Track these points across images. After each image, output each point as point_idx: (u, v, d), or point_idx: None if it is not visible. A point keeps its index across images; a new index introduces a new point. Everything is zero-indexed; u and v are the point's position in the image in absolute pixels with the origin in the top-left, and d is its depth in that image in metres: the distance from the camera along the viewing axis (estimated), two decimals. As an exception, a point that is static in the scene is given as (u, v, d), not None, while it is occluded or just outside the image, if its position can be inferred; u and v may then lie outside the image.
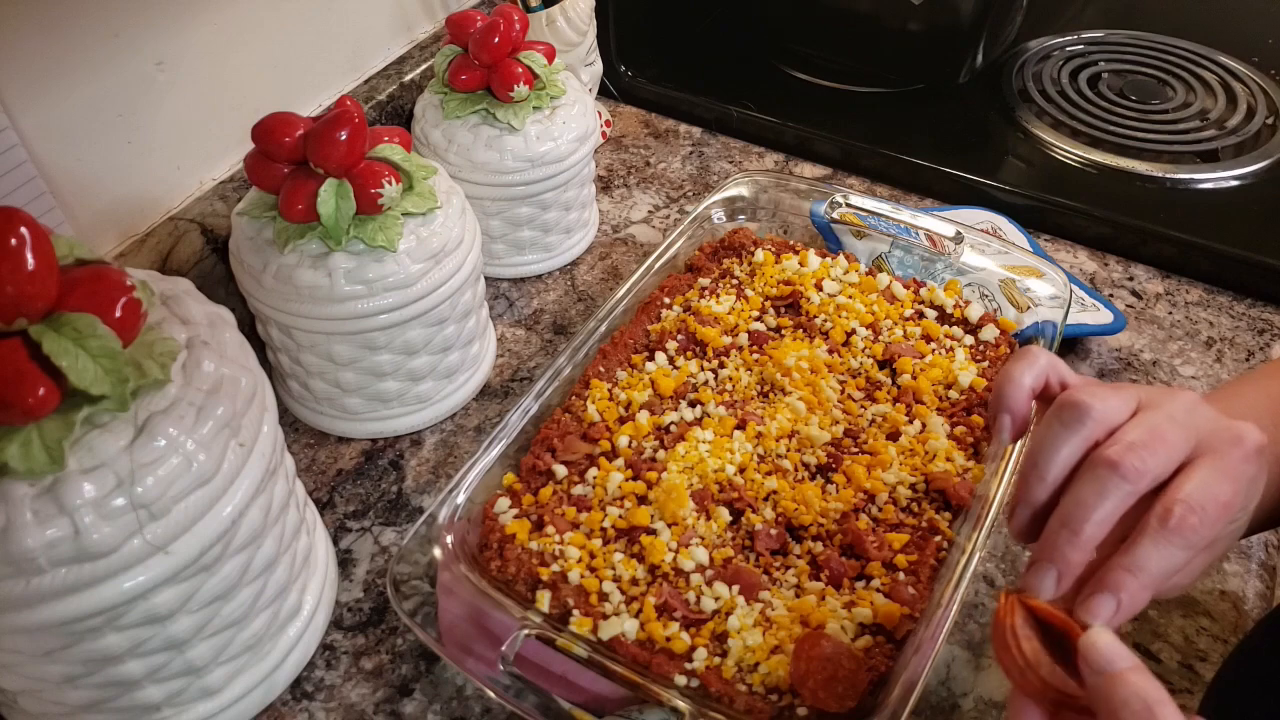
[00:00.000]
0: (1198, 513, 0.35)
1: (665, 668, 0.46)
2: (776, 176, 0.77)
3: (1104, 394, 0.39)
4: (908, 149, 0.87)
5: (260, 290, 0.58)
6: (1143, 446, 0.37)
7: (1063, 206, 0.81)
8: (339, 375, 0.62)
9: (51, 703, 0.44)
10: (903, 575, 0.51)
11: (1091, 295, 0.73)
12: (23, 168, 0.55)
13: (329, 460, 0.65)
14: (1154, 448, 0.37)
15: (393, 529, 0.60)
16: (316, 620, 0.53)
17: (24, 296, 0.35)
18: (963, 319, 0.66)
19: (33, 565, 0.37)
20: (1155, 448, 0.37)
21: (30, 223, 0.36)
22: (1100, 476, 0.37)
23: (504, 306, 0.76)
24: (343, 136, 0.53)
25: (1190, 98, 0.96)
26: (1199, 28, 1.05)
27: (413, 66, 0.83)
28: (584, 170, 0.76)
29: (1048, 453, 0.39)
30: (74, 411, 0.37)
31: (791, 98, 0.98)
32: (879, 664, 0.46)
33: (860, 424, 0.59)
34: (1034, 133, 0.91)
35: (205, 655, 0.45)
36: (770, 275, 0.69)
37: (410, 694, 0.52)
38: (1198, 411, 0.39)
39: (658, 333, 0.65)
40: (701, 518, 0.54)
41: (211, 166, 0.69)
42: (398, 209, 0.57)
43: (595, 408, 0.59)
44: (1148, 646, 0.53)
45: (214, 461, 0.41)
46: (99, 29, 0.58)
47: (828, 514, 0.54)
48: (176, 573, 0.41)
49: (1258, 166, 0.86)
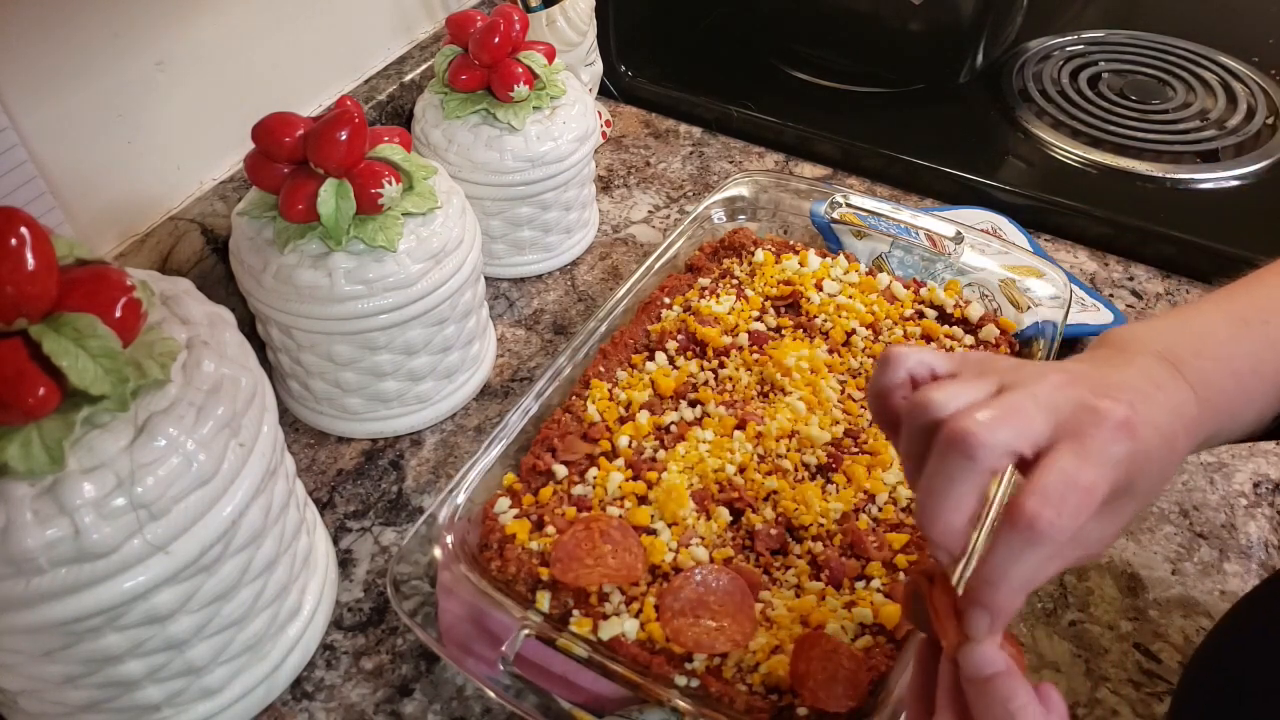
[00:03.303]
0: (1054, 506, 0.32)
1: (665, 668, 0.46)
2: (776, 176, 0.77)
3: (953, 385, 0.36)
4: (908, 149, 0.87)
5: (260, 290, 0.58)
6: (993, 421, 0.33)
7: (1063, 206, 0.81)
8: (339, 375, 0.62)
9: (51, 703, 0.44)
10: (903, 575, 0.51)
11: (1092, 295, 0.73)
12: (23, 168, 0.55)
13: (329, 460, 0.65)
14: (1006, 421, 0.34)
15: (393, 529, 0.60)
16: (316, 620, 0.53)
17: (24, 296, 0.35)
18: (963, 319, 0.66)
19: (33, 565, 0.37)
20: (1007, 421, 0.34)
21: (30, 223, 0.36)
22: (948, 456, 0.34)
23: (504, 306, 0.76)
24: (343, 136, 0.53)
25: (1190, 98, 0.96)
26: (1199, 28, 1.05)
27: (413, 66, 0.83)
28: (584, 170, 0.76)
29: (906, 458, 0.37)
30: (74, 411, 0.37)
31: (791, 98, 0.98)
32: (879, 664, 0.46)
33: (860, 424, 0.59)
34: (1034, 133, 0.91)
35: (205, 655, 0.45)
36: (770, 275, 0.69)
37: (410, 694, 0.52)
38: (1063, 391, 0.35)
39: (658, 333, 0.65)
40: (701, 518, 0.54)
41: (211, 166, 0.69)
42: (398, 209, 0.57)
43: (595, 408, 0.59)
44: (1148, 646, 0.53)
45: (214, 461, 0.41)
46: (99, 29, 0.58)
47: (828, 514, 0.54)
48: (176, 573, 0.41)
49: (1258, 166, 0.86)
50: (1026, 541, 0.33)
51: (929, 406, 0.35)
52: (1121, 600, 0.56)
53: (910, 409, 0.36)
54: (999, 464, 0.34)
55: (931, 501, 0.35)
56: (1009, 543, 0.33)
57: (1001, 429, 0.33)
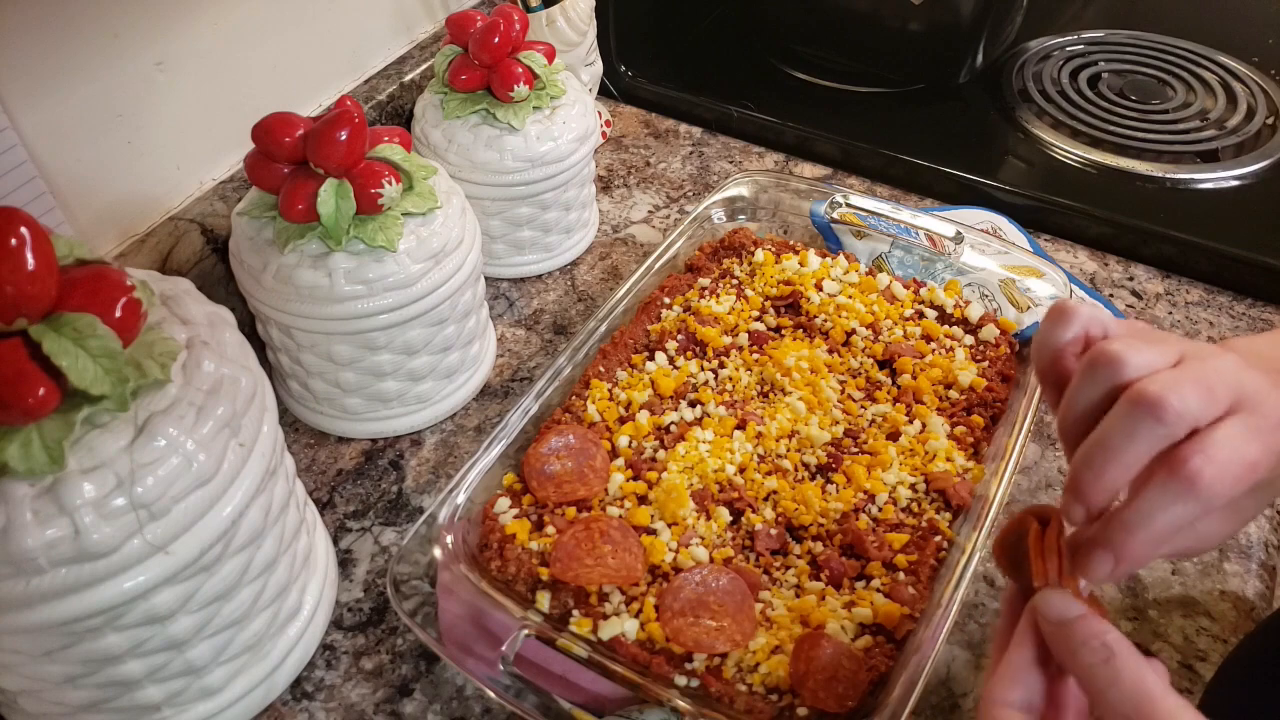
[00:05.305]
0: (1216, 465, 0.32)
1: (665, 668, 0.46)
2: (776, 176, 0.77)
3: (1141, 345, 0.35)
4: (908, 149, 0.87)
5: (260, 290, 0.58)
6: (1185, 390, 0.33)
7: (1063, 206, 0.81)
8: (339, 375, 0.62)
9: (51, 703, 0.44)
10: (903, 575, 0.51)
11: (1091, 295, 0.73)
12: (23, 168, 0.55)
13: (329, 460, 0.65)
14: (1196, 392, 0.33)
15: (393, 529, 0.60)
16: (316, 620, 0.53)
17: (24, 296, 0.35)
18: (963, 319, 0.66)
19: (33, 565, 0.37)
20: (1198, 392, 0.33)
21: (30, 223, 0.36)
22: (1134, 415, 0.33)
23: (504, 306, 0.76)
24: (343, 136, 0.53)
25: (1190, 98, 0.96)
26: (1199, 28, 1.05)
27: (413, 66, 0.83)
28: (584, 170, 0.76)
29: (1073, 410, 0.36)
30: (74, 411, 0.37)
31: (791, 98, 0.98)
32: (879, 664, 0.46)
33: (860, 424, 0.59)
34: (1034, 133, 0.91)
35: (205, 655, 0.45)
36: (770, 275, 0.69)
37: (410, 694, 0.52)
38: (1245, 371, 0.35)
39: (658, 333, 0.65)
40: (701, 518, 0.54)
41: (211, 166, 0.69)
42: (398, 209, 0.57)
43: (595, 408, 0.59)
44: (1148, 647, 0.53)
45: (214, 461, 0.41)
46: (99, 29, 0.58)
47: (828, 514, 0.54)
48: (176, 573, 0.41)
49: (1258, 166, 0.86)
50: (1180, 494, 0.32)
51: (1122, 365, 0.34)
52: (1121, 600, 0.56)
53: (1095, 363, 0.35)
54: (1181, 433, 0.33)
55: (1102, 456, 0.34)
56: (1163, 490, 0.33)
57: (1193, 398, 0.33)
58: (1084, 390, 0.36)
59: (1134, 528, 0.33)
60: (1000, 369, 0.62)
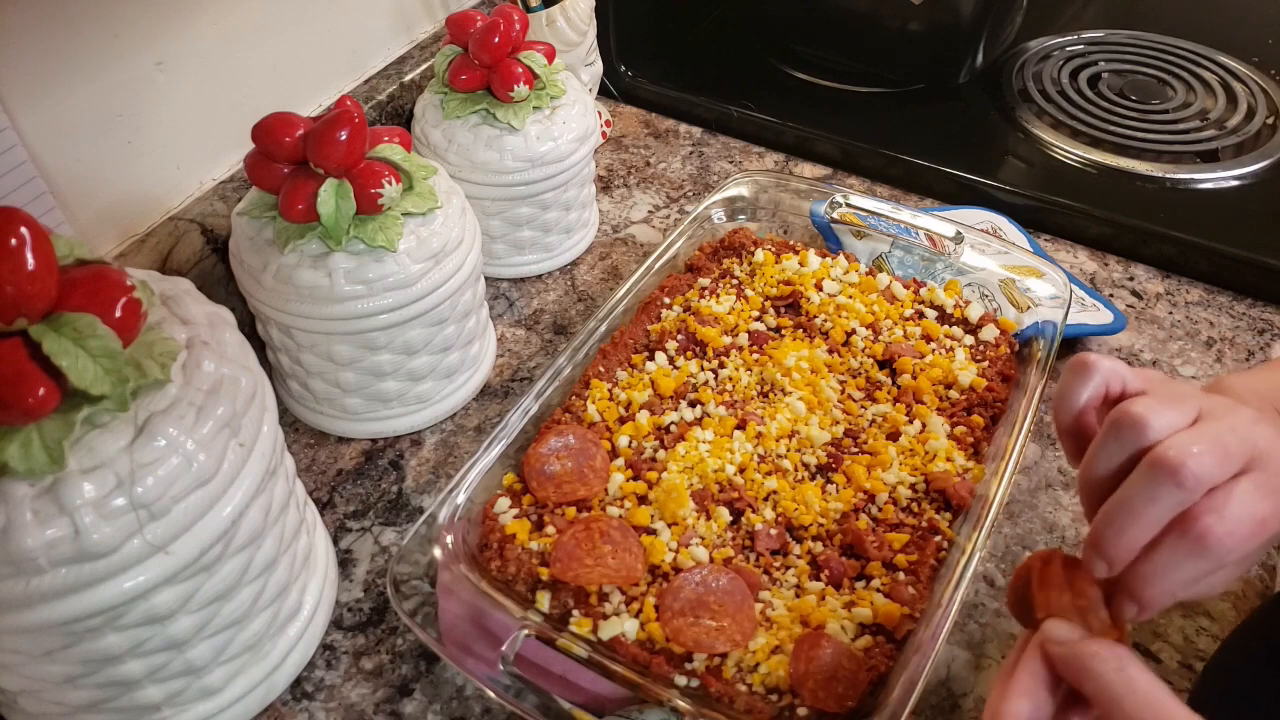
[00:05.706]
0: (1228, 525, 0.34)
1: (665, 668, 0.46)
2: (776, 176, 0.77)
3: (1161, 408, 0.37)
4: (908, 149, 0.87)
5: (260, 290, 0.58)
6: (1203, 454, 0.34)
7: (1063, 206, 0.81)
8: (339, 375, 0.62)
9: (51, 703, 0.44)
10: (903, 575, 0.51)
11: (1091, 295, 0.73)
12: (23, 168, 0.55)
13: (329, 460, 0.65)
14: (1214, 455, 0.35)
15: (393, 529, 0.60)
16: (316, 620, 0.53)
17: (24, 296, 0.35)
18: (963, 319, 0.66)
19: (33, 565, 0.37)
20: (1215, 455, 0.35)
21: (30, 223, 0.36)
22: (1155, 480, 0.35)
23: (504, 306, 0.76)
24: (343, 136, 0.53)
25: (1190, 98, 0.96)
26: (1199, 28, 1.05)
27: (413, 66, 0.83)
28: (584, 170, 0.76)
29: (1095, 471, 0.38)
30: (74, 411, 0.37)
31: (791, 98, 0.98)
32: (879, 664, 0.46)
33: (860, 424, 0.59)
34: (1034, 133, 0.91)
35: (205, 655, 0.45)
36: (770, 275, 0.69)
37: (410, 694, 0.52)
38: (1258, 427, 0.37)
39: (658, 333, 0.65)
40: (701, 518, 0.54)
41: (211, 166, 0.69)
42: (398, 209, 0.57)
43: (595, 408, 0.59)
44: (1148, 646, 0.53)
45: (214, 461, 0.41)
46: (99, 29, 0.58)
47: (828, 514, 0.54)
48: (176, 573, 0.41)
49: (1258, 166, 0.86)
50: (1192, 552, 0.34)
51: (1145, 429, 0.36)
52: (1121, 600, 0.56)
53: (1120, 426, 0.37)
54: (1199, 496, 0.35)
55: (1124, 517, 0.36)
56: (1175, 549, 0.35)
57: (1210, 462, 0.35)
58: (1107, 452, 0.38)
59: (1151, 581, 0.36)
60: (1000, 369, 0.62)
